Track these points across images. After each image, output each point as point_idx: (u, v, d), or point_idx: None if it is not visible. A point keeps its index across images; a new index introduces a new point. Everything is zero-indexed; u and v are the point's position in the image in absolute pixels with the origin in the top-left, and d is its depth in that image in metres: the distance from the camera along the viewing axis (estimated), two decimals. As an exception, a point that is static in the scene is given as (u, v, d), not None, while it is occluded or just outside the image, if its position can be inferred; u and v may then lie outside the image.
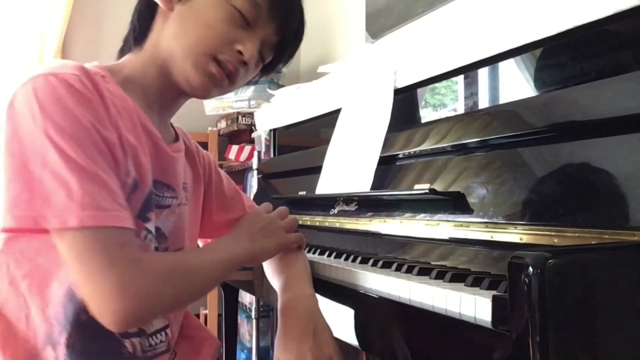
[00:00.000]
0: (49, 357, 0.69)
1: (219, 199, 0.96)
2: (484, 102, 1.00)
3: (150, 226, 0.75)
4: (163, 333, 0.81)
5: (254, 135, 2.11)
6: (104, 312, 0.62)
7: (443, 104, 1.12)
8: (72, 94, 0.64)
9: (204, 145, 2.35)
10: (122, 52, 0.83)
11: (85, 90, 0.65)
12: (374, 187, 1.02)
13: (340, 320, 0.82)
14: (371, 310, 0.77)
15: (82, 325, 0.68)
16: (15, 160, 0.63)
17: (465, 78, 1.04)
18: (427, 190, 0.84)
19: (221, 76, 0.78)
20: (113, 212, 0.63)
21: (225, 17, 0.76)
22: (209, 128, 2.41)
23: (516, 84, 0.94)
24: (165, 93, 0.81)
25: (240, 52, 0.77)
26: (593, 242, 0.60)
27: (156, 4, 0.78)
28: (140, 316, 0.67)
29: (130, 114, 0.73)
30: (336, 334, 0.81)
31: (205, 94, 0.80)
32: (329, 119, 1.35)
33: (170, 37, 0.77)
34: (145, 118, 0.76)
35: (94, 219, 0.61)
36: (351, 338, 0.80)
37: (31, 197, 0.61)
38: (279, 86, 2.20)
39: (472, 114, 0.96)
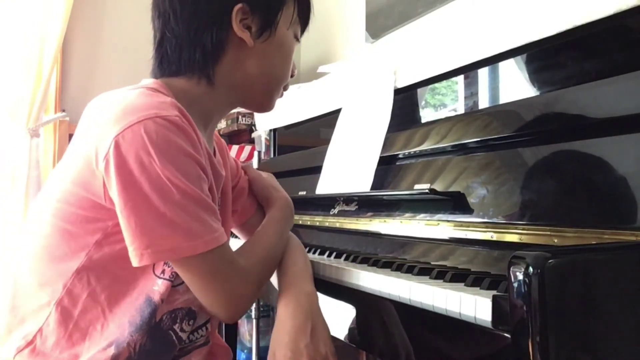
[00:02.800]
0: (110, 357, 0.73)
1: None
2: (484, 102, 1.00)
3: None
4: (204, 328, 0.87)
5: (254, 135, 2.11)
6: (227, 316, 0.76)
7: (443, 104, 1.12)
8: (180, 134, 0.69)
9: (204, 145, 2.35)
10: (161, 70, 0.82)
11: (188, 129, 0.71)
12: (374, 187, 1.02)
13: (340, 320, 0.82)
14: (371, 310, 0.77)
15: (152, 328, 0.76)
16: (137, 201, 0.67)
17: (465, 78, 1.04)
18: (427, 190, 0.84)
19: (281, 95, 0.89)
20: (219, 232, 0.71)
21: (293, 48, 0.87)
22: (209, 128, 2.40)
23: (516, 84, 0.94)
24: (224, 114, 0.89)
25: (292, 76, 0.88)
26: (593, 242, 0.60)
27: (226, 37, 0.79)
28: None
29: (202, 143, 0.77)
30: (336, 334, 0.81)
31: (270, 110, 0.91)
32: (329, 119, 1.35)
33: (251, 71, 0.82)
34: (208, 149, 0.80)
35: (211, 243, 0.69)
36: (351, 338, 0.80)
37: (163, 233, 0.67)
38: (279, 86, 2.20)
39: (472, 114, 0.96)
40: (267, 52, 0.82)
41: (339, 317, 0.83)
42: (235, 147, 2.32)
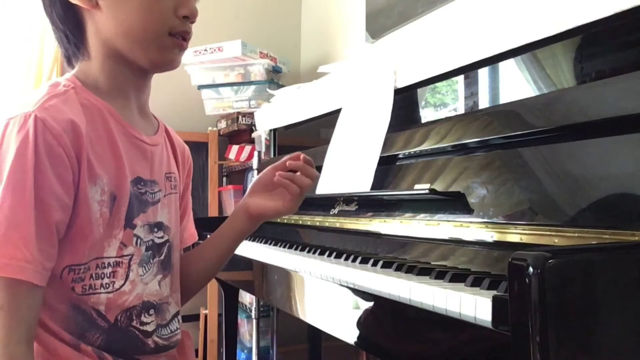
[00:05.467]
0: (85, 349, 0.74)
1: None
2: (484, 102, 1.00)
3: (139, 232, 0.80)
4: (176, 320, 0.86)
5: (254, 135, 2.12)
6: None
7: (443, 104, 1.12)
8: (34, 146, 0.67)
9: (204, 145, 2.35)
10: (70, 65, 0.82)
11: (50, 138, 0.68)
12: (374, 187, 1.02)
13: (341, 320, 0.82)
14: (371, 310, 0.77)
15: (103, 329, 0.75)
16: None
17: (465, 78, 1.04)
18: (427, 191, 0.84)
19: (180, 44, 0.79)
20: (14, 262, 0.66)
21: None
22: (209, 128, 2.41)
23: (516, 84, 0.94)
24: (137, 82, 0.82)
25: (186, 17, 0.78)
26: (593, 242, 0.60)
27: (75, 11, 0.77)
28: None
29: (105, 124, 0.76)
30: (336, 334, 0.81)
31: (173, 66, 0.82)
32: (329, 119, 1.35)
33: (114, 33, 0.76)
34: (122, 122, 0.79)
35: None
36: (351, 338, 0.80)
37: None
38: (279, 86, 2.20)
39: (472, 114, 0.96)
40: (117, 8, 0.76)
41: (339, 317, 0.83)
42: (235, 147, 2.32)
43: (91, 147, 0.73)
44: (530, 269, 0.47)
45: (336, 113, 1.27)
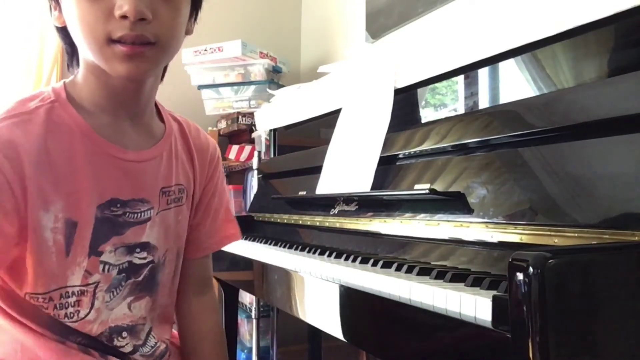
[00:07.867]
0: (70, 345, 0.75)
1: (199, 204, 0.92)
2: (484, 102, 1.00)
3: (108, 257, 0.76)
4: (151, 336, 0.84)
5: (254, 135, 2.12)
6: None
7: (443, 104, 1.12)
8: None
9: (204, 145, 2.34)
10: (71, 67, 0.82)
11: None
12: (374, 187, 1.02)
13: (341, 320, 0.82)
14: (371, 310, 0.77)
15: (85, 337, 0.76)
16: None
17: (465, 78, 1.04)
18: (427, 191, 0.84)
19: (131, 50, 0.67)
20: None
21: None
22: (209, 128, 2.41)
23: (516, 84, 0.94)
24: (124, 95, 0.76)
25: (124, 16, 0.65)
26: (593, 242, 0.60)
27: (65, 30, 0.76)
28: None
29: (71, 146, 0.72)
30: (336, 334, 0.81)
31: (137, 75, 0.71)
32: (329, 119, 1.35)
33: (77, 37, 0.71)
34: (98, 141, 0.74)
35: None
36: (351, 338, 0.80)
37: None
38: (279, 86, 2.20)
39: (472, 114, 0.96)
40: (68, 20, 0.72)
41: (339, 317, 0.83)
42: (235, 147, 2.32)
43: (46, 172, 0.69)
44: (530, 269, 0.47)
45: (336, 113, 1.27)
